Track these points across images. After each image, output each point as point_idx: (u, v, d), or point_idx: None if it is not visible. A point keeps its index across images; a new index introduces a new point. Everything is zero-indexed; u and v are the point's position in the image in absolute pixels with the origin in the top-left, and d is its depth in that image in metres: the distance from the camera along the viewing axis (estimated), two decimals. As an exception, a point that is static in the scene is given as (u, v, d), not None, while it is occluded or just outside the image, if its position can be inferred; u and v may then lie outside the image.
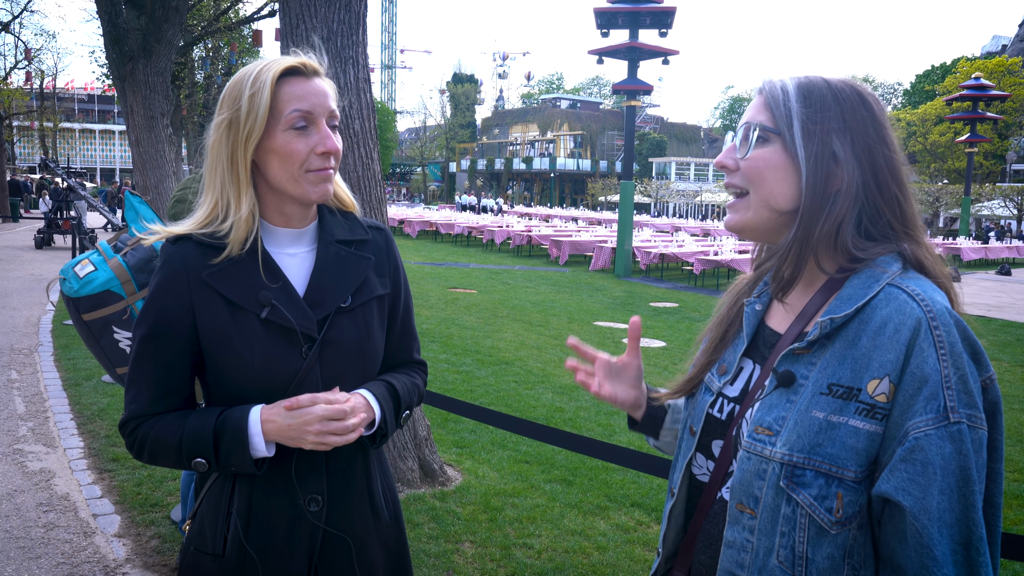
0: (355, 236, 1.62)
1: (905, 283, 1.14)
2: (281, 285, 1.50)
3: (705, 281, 18.97)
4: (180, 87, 21.47)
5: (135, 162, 9.58)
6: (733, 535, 1.20)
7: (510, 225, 27.96)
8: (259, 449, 1.44)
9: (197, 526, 1.57)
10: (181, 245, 1.49)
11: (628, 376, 1.52)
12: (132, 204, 3.12)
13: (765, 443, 1.16)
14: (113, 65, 9.59)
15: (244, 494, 1.51)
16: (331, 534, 1.54)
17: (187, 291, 1.46)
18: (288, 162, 1.46)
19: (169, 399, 1.50)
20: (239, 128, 1.45)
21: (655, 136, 66.01)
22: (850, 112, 1.19)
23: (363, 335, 1.57)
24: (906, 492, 1.06)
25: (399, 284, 1.69)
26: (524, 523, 4.25)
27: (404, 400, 1.64)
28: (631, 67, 20.69)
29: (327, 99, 1.50)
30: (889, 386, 1.09)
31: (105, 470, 4.81)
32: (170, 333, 1.47)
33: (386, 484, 1.68)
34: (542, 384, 7.66)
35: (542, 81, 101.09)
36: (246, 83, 1.45)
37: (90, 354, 7.54)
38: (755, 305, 1.34)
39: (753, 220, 1.25)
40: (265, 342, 1.46)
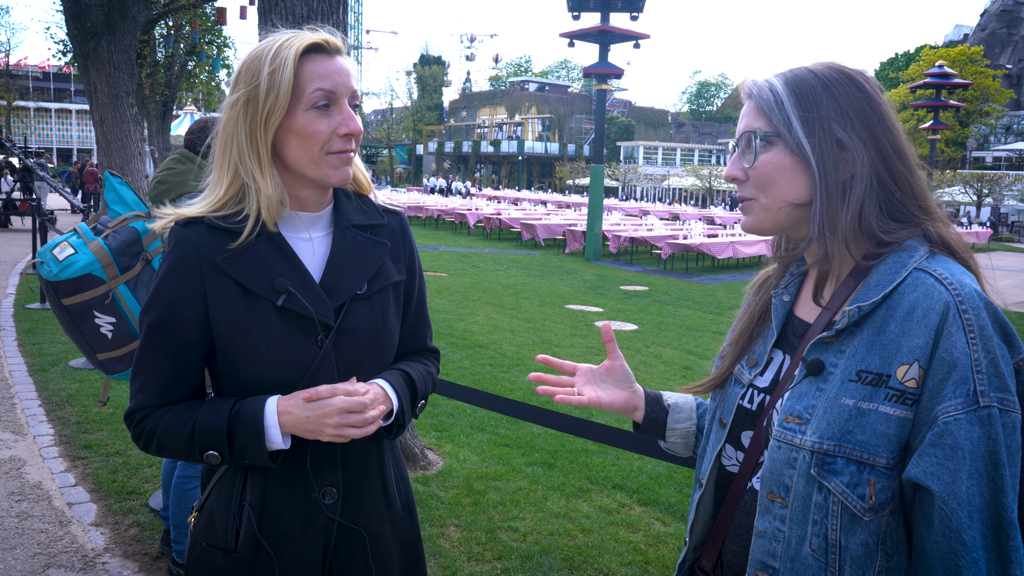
0: (371, 221, 1.57)
1: (932, 266, 1.14)
2: (297, 271, 1.45)
3: (674, 265, 19.10)
4: (142, 66, 20.99)
5: (99, 142, 9.33)
6: (764, 524, 1.20)
7: (479, 208, 27.88)
8: (275, 441, 1.40)
9: (206, 519, 1.52)
10: (192, 229, 1.43)
11: (613, 378, 1.51)
12: (112, 185, 3.03)
13: (795, 431, 1.16)
14: (75, 42, 9.31)
15: (257, 487, 1.47)
16: (346, 527, 1.51)
17: (199, 277, 1.41)
18: (309, 143, 1.41)
19: (178, 389, 1.45)
20: (258, 106, 1.39)
21: (623, 120, 66.11)
22: (844, 97, 1.19)
23: (379, 323, 1.52)
24: (935, 477, 1.05)
25: (414, 270, 1.65)
26: (508, 506, 4.24)
27: (420, 389, 1.60)
28: (602, 50, 20.66)
29: (349, 79, 1.44)
30: (919, 371, 1.08)
31: (78, 457, 4.70)
32: (180, 320, 1.41)
33: (399, 475, 1.65)
34: (517, 367, 7.65)
35: (510, 64, 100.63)
36: (265, 59, 1.39)
37: (56, 339, 7.39)
38: (783, 296, 1.34)
39: (768, 220, 1.26)
40: (281, 331, 1.42)
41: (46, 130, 69.71)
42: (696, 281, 16.68)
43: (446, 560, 3.60)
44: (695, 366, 8.33)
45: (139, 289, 2.95)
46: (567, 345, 8.96)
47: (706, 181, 50.53)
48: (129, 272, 2.92)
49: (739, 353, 1.38)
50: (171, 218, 1.46)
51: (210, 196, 1.46)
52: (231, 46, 27.12)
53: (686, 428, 1.53)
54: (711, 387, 1.41)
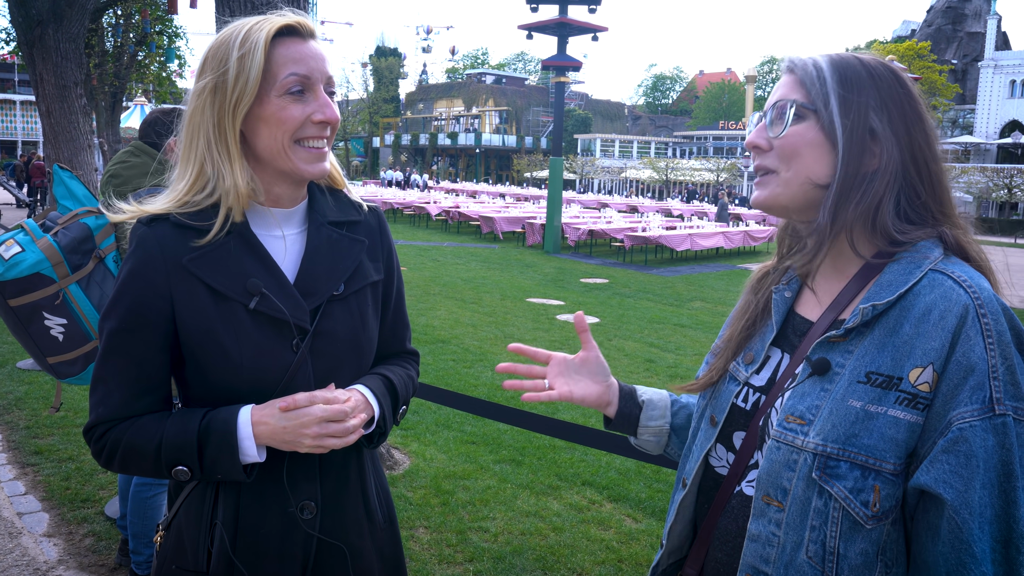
0: (347, 217, 1.49)
1: (949, 268, 1.10)
2: (270, 271, 1.35)
3: (634, 257, 19.18)
4: (90, 56, 20.39)
5: (46, 134, 9.01)
6: (758, 528, 1.14)
7: (438, 201, 27.71)
8: (249, 455, 1.30)
9: (174, 539, 1.42)
10: (156, 226, 1.32)
11: (588, 370, 1.45)
12: (62, 179, 2.88)
13: (797, 432, 1.10)
14: (19, 30, 8.96)
15: (230, 503, 1.37)
16: (325, 542, 1.42)
17: (165, 278, 1.30)
18: (278, 130, 1.31)
19: (144, 400, 1.34)
20: (226, 93, 1.29)
21: (580, 113, 66.26)
22: (886, 89, 1.15)
23: (358, 325, 1.44)
24: (947, 485, 1.01)
25: (392, 268, 1.57)
26: (477, 506, 4.17)
27: (401, 395, 1.53)
28: (560, 43, 20.63)
29: (325, 63, 1.35)
30: (932, 375, 1.04)
31: (28, 464, 4.50)
32: (145, 325, 1.31)
33: (380, 486, 1.57)
34: (480, 362, 7.59)
35: (467, 56, 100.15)
36: (233, 43, 1.29)
37: (3, 339, 7.11)
38: (784, 292, 1.29)
39: (784, 196, 1.20)
40: (254, 335, 1.32)
41: (-12, 122, 67.50)
42: (655, 273, 16.77)
43: (416, 563, 3.52)
44: (657, 359, 8.35)
45: (92, 289, 2.81)
46: (529, 339, 8.91)
47: (663, 173, 50.93)
48: (81, 271, 2.78)
49: (735, 350, 1.32)
50: (133, 214, 1.35)
51: (175, 190, 1.35)
52: (182, 36, 26.54)
53: (659, 426, 1.47)
54: (705, 385, 1.35)
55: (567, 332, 9.53)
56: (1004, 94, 47.55)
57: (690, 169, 51.69)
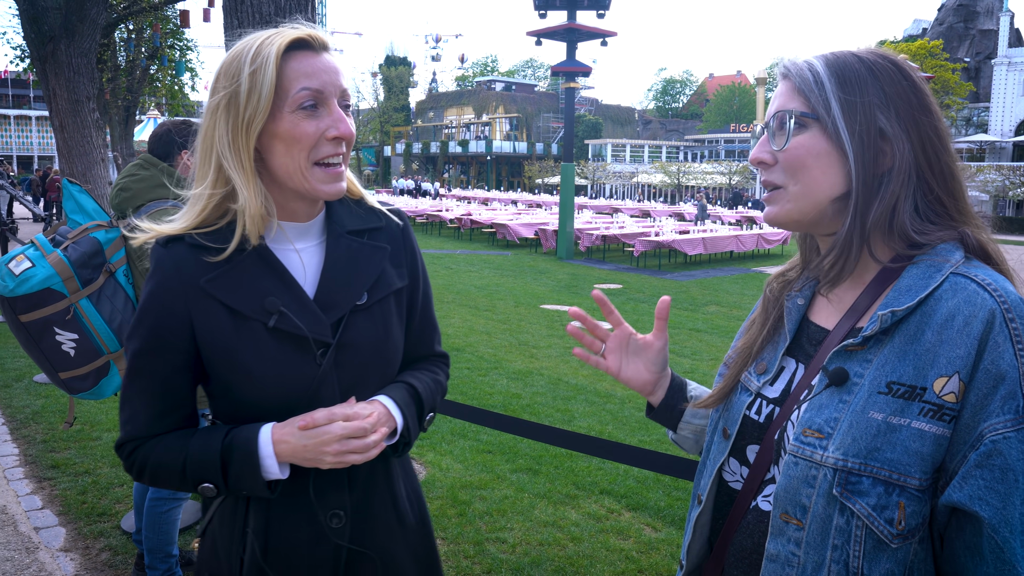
0: (368, 224, 1.46)
1: (972, 272, 1.04)
2: (289, 287, 1.34)
3: (647, 262, 19.11)
4: (103, 70, 20.56)
5: (60, 149, 9.06)
6: (777, 548, 1.08)
7: (450, 209, 27.73)
8: (272, 471, 1.31)
9: (209, 547, 1.43)
10: (172, 248, 1.32)
11: (648, 356, 1.40)
12: (71, 193, 2.87)
13: (815, 447, 1.05)
14: (32, 46, 9.04)
15: (260, 512, 1.38)
16: (356, 552, 1.42)
17: (183, 301, 1.31)
18: (295, 147, 1.29)
19: (168, 418, 1.36)
20: (239, 109, 1.27)
21: (590, 118, 66.22)
22: (888, 83, 1.09)
23: (381, 334, 1.42)
24: (984, 502, 0.96)
25: (417, 273, 1.54)
26: (494, 516, 4.13)
27: (427, 402, 1.50)
28: (570, 48, 20.63)
29: (339, 77, 1.32)
30: (959, 384, 0.99)
31: (45, 478, 4.50)
32: (166, 347, 1.32)
33: (410, 487, 1.56)
34: (495, 370, 7.55)
35: (476, 63, 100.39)
36: (245, 58, 1.27)
37: (19, 352, 7.14)
38: (797, 299, 1.23)
39: (796, 211, 1.14)
40: (275, 353, 1.32)
41: (5, 137, 68.26)
42: (669, 278, 16.69)
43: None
44: (673, 364, 8.28)
45: (102, 303, 2.79)
46: (544, 346, 8.86)
47: (674, 177, 50.78)
48: (91, 285, 2.76)
49: (747, 360, 1.27)
50: (151, 235, 1.35)
51: (191, 209, 1.34)
52: (194, 49, 26.71)
53: (701, 425, 1.42)
54: (719, 399, 1.29)
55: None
56: (1018, 91, 47.11)
57: (702, 172, 51.52)
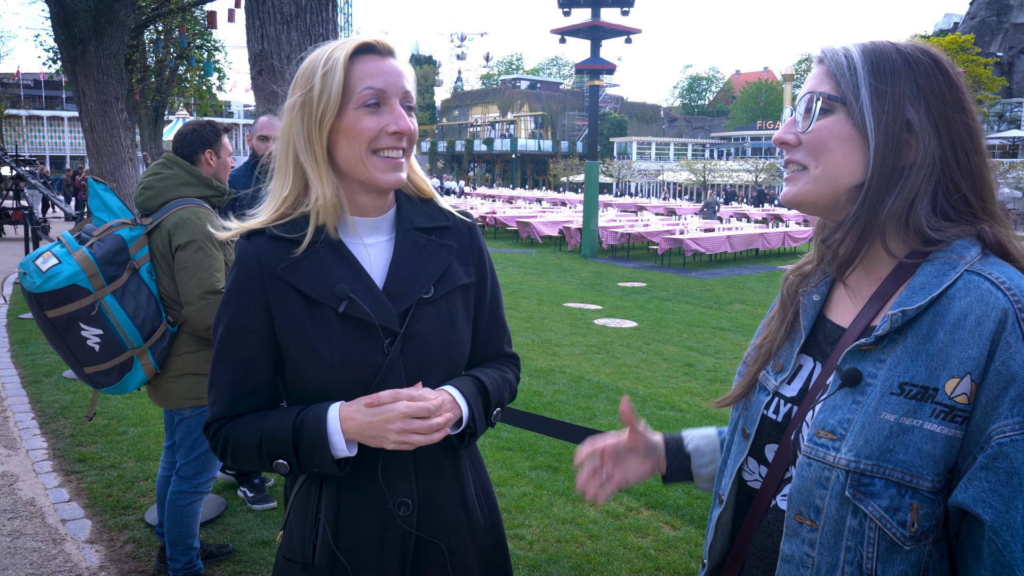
0: (436, 223, 1.53)
1: (987, 269, 1.02)
2: (359, 277, 1.42)
3: (672, 260, 19.02)
4: (132, 71, 20.85)
5: (89, 149, 9.22)
6: (791, 549, 1.09)
7: (474, 207, 27.79)
8: (339, 448, 1.37)
9: (287, 536, 1.50)
10: (254, 240, 1.42)
11: (638, 451, 1.43)
12: (96, 192, 2.93)
13: (828, 448, 1.04)
14: (62, 48, 9.20)
15: (331, 499, 1.44)
16: (423, 540, 1.46)
17: (262, 287, 1.40)
18: (355, 140, 1.38)
19: (249, 400, 1.45)
20: (312, 108, 1.38)
21: (616, 116, 66.05)
22: (923, 77, 1.07)
23: (447, 327, 1.48)
24: (986, 504, 0.95)
25: (485, 272, 1.60)
26: (513, 513, 4.15)
27: (494, 396, 1.53)
28: (594, 46, 20.59)
29: (402, 79, 1.42)
30: (971, 385, 0.98)
31: (72, 472, 4.59)
32: (247, 331, 1.41)
33: (480, 485, 1.59)
34: (518, 368, 7.55)
35: (501, 62, 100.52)
36: (319, 63, 1.38)
37: (50, 349, 7.26)
38: (813, 296, 1.22)
39: (813, 193, 1.14)
40: (344, 338, 1.39)
41: (38, 138, 69.43)
42: (694, 276, 16.60)
43: (451, 571, 3.50)
44: (696, 363, 8.24)
45: (126, 299, 2.85)
46: (567, 344, 8.87)
47: (700, 175, 50.48)
48: (116, 282, 2.82)
49: (765, 358, 1.26)
50: (236, 231, 1.45)
51: (272, 202, 1.45)
52: (221, 49, 27.00)
53: (711, 471, 1.43)
54: (738, 397, 1.29)
55: (604, 337, 9.47)
56: (1053, 86, 46.20)
57: (728, 170, 51.18)
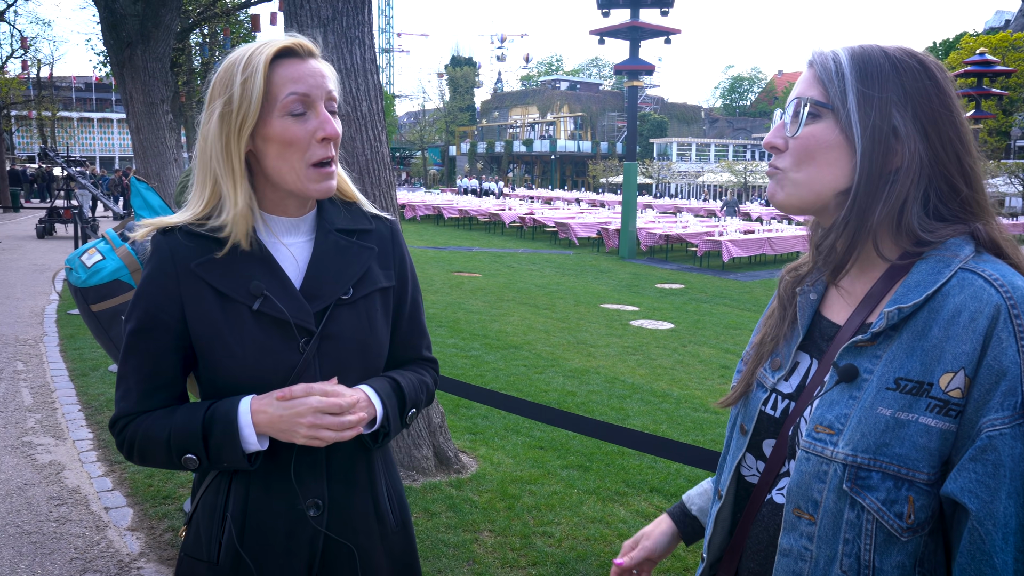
0: (357, 225, 1.53)
1: (980, 267, 1.04)
2: (275, 275, 1.41)
3: (710, 262, 18.88)
4: (178, 74, 21.30)
5: (135, 149, 9.48)
6: (789, 543, 1.11)
7: (513, 208, 27.84)
8: (250, 442, 1.35)
9: (193, 533, 1.48)
10: (170, 236, 1.41)
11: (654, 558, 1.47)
12: (139, 191, 3.03)
13: (826, 443, 1.07)
14: (111, 52, 9.47)
15: (240, 497, 1.42)
16: (333, 541, 1.45)
17: (175, 282, 1.38)
18: (288, 150, 1.37)
19: (158, 396, 1.42)
20: (232, 116, 1.35)
21: (656, 117, 65.64)
22: (911, 82, 1.09)
23: (365, 328, 1.47)
24: (973, 494, 0.98)
25: (405, 276, 1.60)
26: (543, 511, 4.18)
27: (410, 398, 1.54)
28: (633, 47, 20.52)
29: (325, 80, 1.40)
30: (964, 380, 1.00)
31: (115, 462, 4.74)
32: (158, 326, 1.39)
33: (392, 488, 1.59)
34: (552, 368, 7.59)
35: (541, 63, 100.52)
36: (237, 68, 1.36)
37: (96, 344, 7.49)
38: (810, 295, 1.25)
39: (796, 198, 1.16)
40: (257, 335, 1.38)
41: (88, 139, 71.22)
42: (733, 278, 16.46)
43: (480, 566, 3.55)
44: (733, 365, 8.18)
45: (168, 295, 2.94)
46: (602, 345, 8.87)
47: (741, 177, 49.93)
48: (157, 278, 2.91)
49: (763, 355, 1.29)
50: (150, 227, 1.44)
51: (191, 208, 1.43)
52: (265, 52, 27.43)
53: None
54: (740, 396, 1.31)
55: (640, 338, 9.45)
56: (1109, 86, 44.83)
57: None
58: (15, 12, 28.97)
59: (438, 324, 9.37)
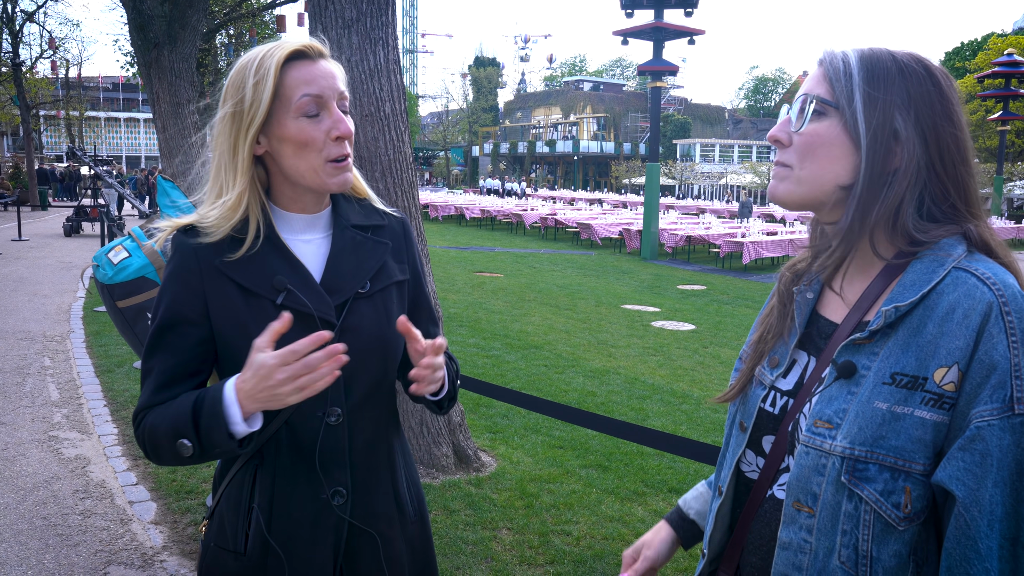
0: (371, 221, 1.57)
1: (973, 266, 1.08)
2: (296, 271, 1.45)
3: (732, 263, 18.78)
4: (204, 74, 21.53)
5: (161, 149, 9.60)
6: (789, 536, 1.13)
7: (535, 208, 27.85)
8: (236, 422, 1.30)
9: (217, 525, 1.51)
10: (192, 233, 1.44)
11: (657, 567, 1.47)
12: (165, 189, 3.08)
13: (825, 436, 1.10)
14: (138, 52, 9.60)
15: (266, 488, 1.46)
16: (356, 528, 1.49)
17: (199, 279, 1.41)
18: (305, 150, 1.41)
19: (176, 389, 1.42)
20: (243, 118, 1.39)
21: (679, 118, 65.35)
22: (915, 86, 1.11)
23: (383, 321, 1.50)
24: (960, 482, 1.01)
25: (418, 271, 1.64)
26: (561, 509, 4.19)
27: (455, 370, 1.61)
28: (656, 48, 20.46)
29: (336, 81, 1.44)
30: (957, 374, 1.03)
31: (140, 457, 4.81)
32: (182, 322, 1.42)
33: (410, 480, 1.63)
34: (572, 368, 7.59)
35: (564, 63, 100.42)
36: (249, 71, 1.39)
37: (122, 340, 7.60)
38: (807, 294, 1.27)
39: (797, 194, 1.18)
40: None
41: (116, 139, 72.12)
42: (755, 280, 16.37)
43: (498, 564, 3.57)
44: (754, 367, 8.15)
45: (192, 292, 2.98)
46: (623, 345, 8.86)
47: (765, 178, 49.61)
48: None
49: (761, 353, 1.31)
50: (170, 229, 1.47)
51: (204, 206, 1.46)
52: (290, 53, 27.65)
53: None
54: (737, 394, 1.34)
55: (661, 339, 9.43)
56: None
57: (794, 173, 50.17)
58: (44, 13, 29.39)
59: (459, 324, 9.41)
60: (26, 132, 29.14)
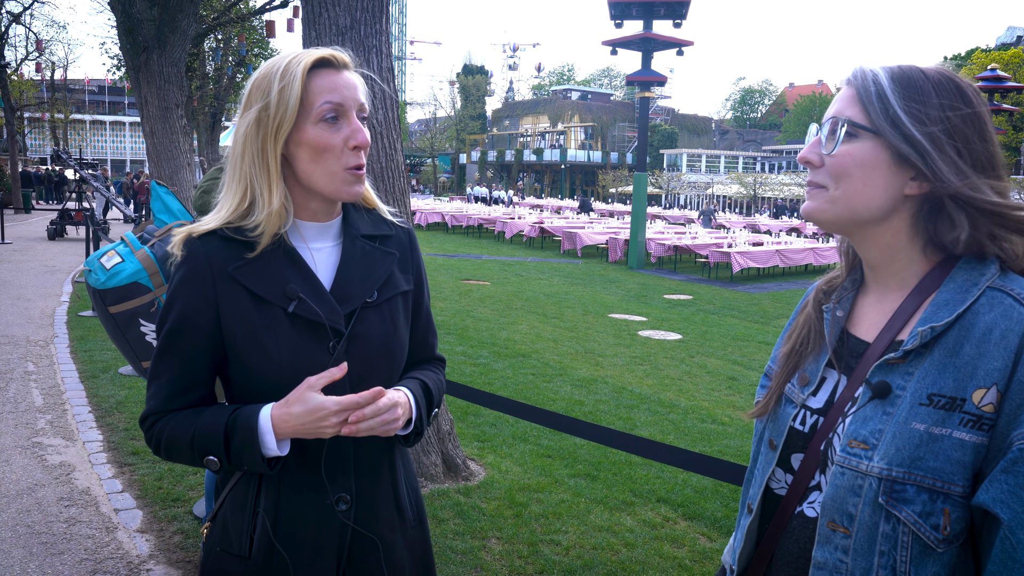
0: (380, 232, 1.60)
1: (1008, 285, 1.08)
2: (307, 279, 1.47)
3: (719, 273, 18.86)
4: (192, 78, 21.44)
5: (149, 153, 9.55)
6: (824, 556, 1.13)
7: (522, 217, 27.87)
8: (270, 447, 1.40)
9: (220, 528, 1.54)
10: (205, 239, 1.45)
11: None
12: (159, 194, 3.06)
13: (860, 457, 1.09)
14: (127, 56, 9.55)
15: (271, 493, 1.48)
16: (359, 534, 1.51)
17: (211, 285, 1.43)
18: (322, 156, 1.43)
19: (188, 395, 1.47)
20: (268, 121, 1.41)
21: (666, 128, 65.66)
22: (948, 103, 1.11)
23: (390, 330, 1.54)
24: (1005, 504, 0.99)
25: (422, 281, 1.67)
26: (550, 519, 4.18)
27: (435, 399, 1.63)
28: (645, 58, 20.57)
29: (357, 92, 1.47)
30: (996, 395, 1.03)
31: (125, 464, 4.76)
32: (193, 327, 1.44)
33: (410, 486, 1.66)
34: (560, 377, 7.59)
35: (552, 72, 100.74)
36: (275, 76, 1.42)
37: (107, 346, 7.54)
38: (836, 311, 1.27)
39: (831, 213, 1.18)
40: (292, 336, 1.43)
41: (101, 142, 71.64)
42: (741, 290, 16.44)
43: (487, 573, 3.56)
44: (741, 376, 8.18)
45: (183, 298, 2.97)
46: (610, 354, 8.87)
47: (750, 188, 49.90)
48: (174, 281, 2.94)
49: (790, 371, 1.31)
50: (184, 234, 1.48)
51: (223, 210, 1.48)
52: (278, 58, 27.61)
53: None
54: (766, 410, 1.34)
55: (648, 348, 9.44)
56: (1122, 103, 44.62)
57: (779, 184, 50.51)
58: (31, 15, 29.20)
59: (447, 331, 9.39)
60: (10, 134, 28.90)
